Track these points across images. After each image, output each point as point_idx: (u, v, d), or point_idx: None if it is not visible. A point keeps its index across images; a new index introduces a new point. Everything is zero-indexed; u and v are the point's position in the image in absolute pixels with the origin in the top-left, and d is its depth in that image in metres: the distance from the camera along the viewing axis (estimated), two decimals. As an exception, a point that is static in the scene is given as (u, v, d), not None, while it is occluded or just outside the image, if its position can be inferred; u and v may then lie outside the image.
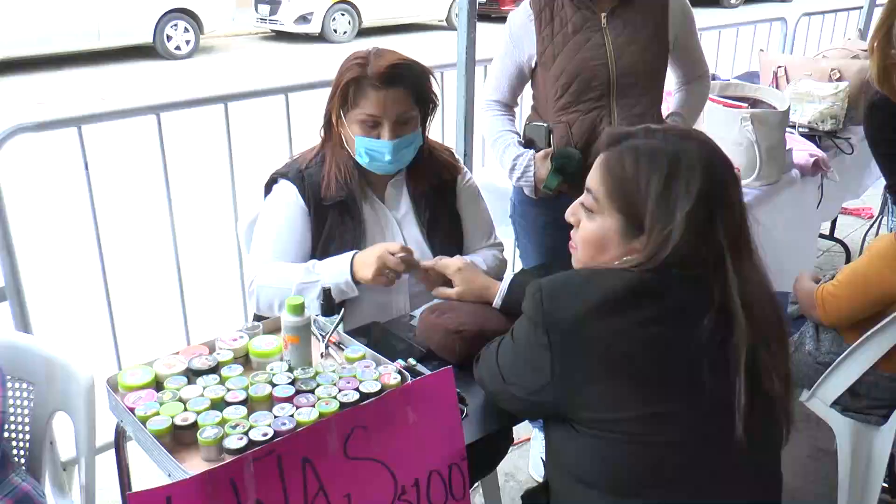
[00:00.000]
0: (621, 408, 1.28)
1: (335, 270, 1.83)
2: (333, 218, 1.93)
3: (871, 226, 3.97)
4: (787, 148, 3.07)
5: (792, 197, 3.05)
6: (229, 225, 2.58)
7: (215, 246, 4.52)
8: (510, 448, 2.04)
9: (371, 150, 1.86)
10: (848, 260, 4.17)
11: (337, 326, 1.63)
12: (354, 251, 1.85)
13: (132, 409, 1.36)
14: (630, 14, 2.18)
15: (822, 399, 2.18)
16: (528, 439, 2.75)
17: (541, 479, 2.32)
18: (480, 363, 1.54)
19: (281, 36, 13.04)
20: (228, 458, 1.22)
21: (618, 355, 1.27)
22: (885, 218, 3.16)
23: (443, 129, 3.04)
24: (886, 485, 2.44)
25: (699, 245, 1.30)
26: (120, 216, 5.03)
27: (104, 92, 8.89)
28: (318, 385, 1.43)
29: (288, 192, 1.93)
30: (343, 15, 12.86)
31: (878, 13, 2.38)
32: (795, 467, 2.68)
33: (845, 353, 2.08)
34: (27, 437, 1.71)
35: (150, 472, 1.39)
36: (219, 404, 1.38)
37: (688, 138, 1.38)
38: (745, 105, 2.98)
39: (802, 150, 3.20)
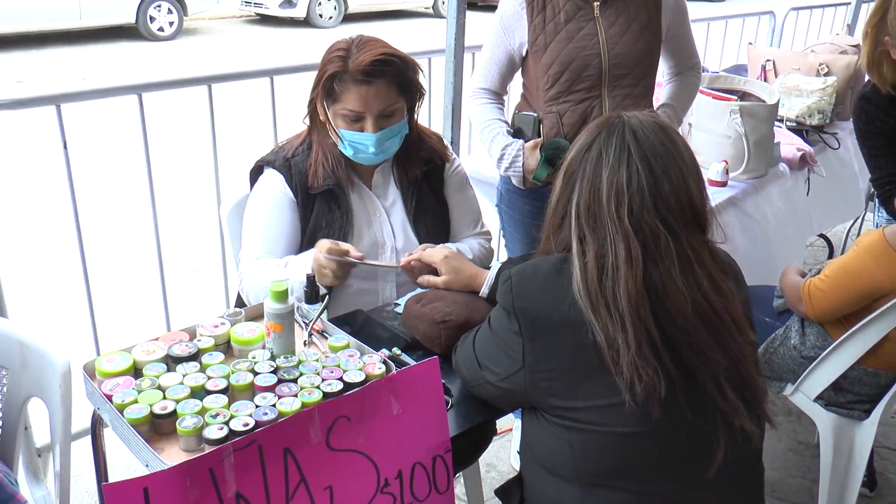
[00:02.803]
0: (590, 396, 1.29)
1: (301, 268, 1.80)
2: (321, 207, 1.90)
3: (855, 221, 4.01)
4: (776, 141, 3.07)
5: (782, 190, 3.05)
6: (212, 208, 2.54)
7: (197, 229, 4.47)
8: (492, 439, 2.03)
9: (355, 142, 1.84)
10: (831, 255, 4.19)
11: (321, 314, 1.61)
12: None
13: (109, 397, 1.33)
14: (623, 4, 2.15)
15: (805, 393, 2.18)
16: (511, 430, 2.74)
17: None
18: (458, 350, 1.54)
19: (266, 20, 12.91)
20: (208, 449, 1.20)
21: (585, 343, 1.27)
22: (869, 213, 3.17)
23: (430, 117, 3.01)
24: (865, 478, 2.46)
25: (558, 220, 1.37)
26: (100, 198, 4.96)
27: (85, 72, 8.76)
28: (300, 374, 1.41)
29: (275, 182, 1.90)
30: (329, 0, 12.74)
31: (865, 9, 2.36)
32: (776, 460, 2.69)
33: (830, 347, 2.08)
34: (0, 423, 1.67)
35: (127, 459, 1.36)
36: (199, 392, 1.35)
37: (607, 122, 1.35)
38: (734, 98, 2.97)
39: (790, 145, 3.20)
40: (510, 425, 2.74)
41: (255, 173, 1.96)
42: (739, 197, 2.84)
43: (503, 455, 2.68)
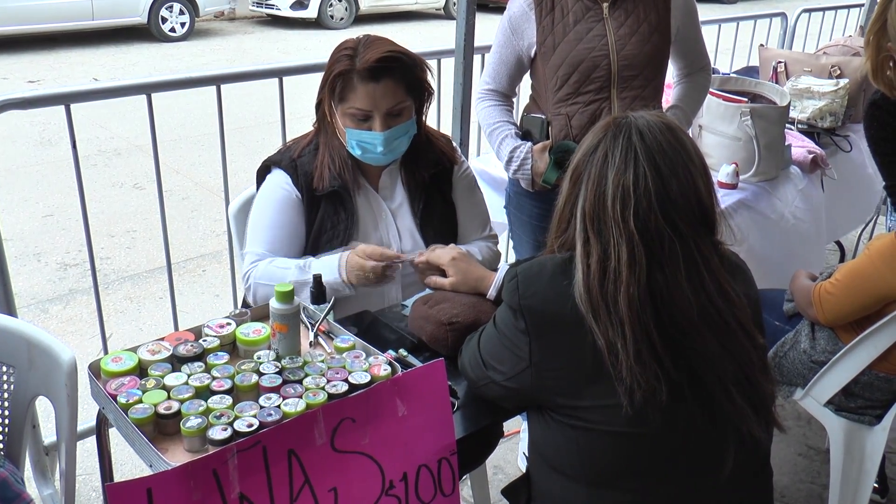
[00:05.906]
0: (596, 396, 1.28)
1: (328, 270, 1.79)
2: (326, 209, 1.89)
3: (867, 225, 3.97)
4: (787, 144, 3.04)
5: (796, 190, 3.02)
6: (220, 208, 2.54)
7: (206, 229, 4.49)
8: (499, 441, 2.02)
9: (363, 142, 1.83)
10: (843, 259, 4.16)
11: (327, 315, 1.60)
12: (345, 251, 1.82)
13: (114, 396, 1.33)
14: (632, 5, 2.13)
15: (816, 398, 2.16)
16: (518, 432, 2.73)
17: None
18: (463, 351, 1.53)
19: (277, 21, 12.94)
20: (212, 449, 1.20)
21: (589, 344, 1.26)
22: (881, 217, 3.14)
23: (439, 118, 3.01)
24: (877, 485, 2.44)
25: (564, 223, 1.36)
26: (109, 197, 4.98)
27: (97, 72, 8.81)
28: (306, 375, 1.40)
29: (281, 181, 1.90)
30: (340, 1, 12.76)
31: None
32: (786, 465, 2.67)
33: (841, 352, 2.06)
34: (6, 421, 1.67)
35: (133, 458, 1.36)
36: (203, 393, 1.34)
37: (613, 122, 1.33)
38: (745, 100, 2.95)
39: (801, 147, 3.17)
40: (517, 428, 2.73)
41: (262, 173, 1.96)
42: (750, 199, 2.82)
43: (511, 457, 2.67)
